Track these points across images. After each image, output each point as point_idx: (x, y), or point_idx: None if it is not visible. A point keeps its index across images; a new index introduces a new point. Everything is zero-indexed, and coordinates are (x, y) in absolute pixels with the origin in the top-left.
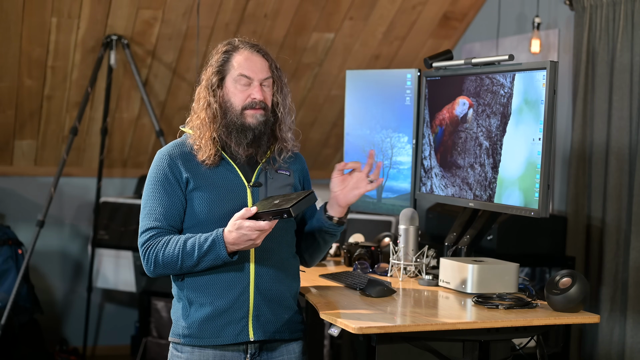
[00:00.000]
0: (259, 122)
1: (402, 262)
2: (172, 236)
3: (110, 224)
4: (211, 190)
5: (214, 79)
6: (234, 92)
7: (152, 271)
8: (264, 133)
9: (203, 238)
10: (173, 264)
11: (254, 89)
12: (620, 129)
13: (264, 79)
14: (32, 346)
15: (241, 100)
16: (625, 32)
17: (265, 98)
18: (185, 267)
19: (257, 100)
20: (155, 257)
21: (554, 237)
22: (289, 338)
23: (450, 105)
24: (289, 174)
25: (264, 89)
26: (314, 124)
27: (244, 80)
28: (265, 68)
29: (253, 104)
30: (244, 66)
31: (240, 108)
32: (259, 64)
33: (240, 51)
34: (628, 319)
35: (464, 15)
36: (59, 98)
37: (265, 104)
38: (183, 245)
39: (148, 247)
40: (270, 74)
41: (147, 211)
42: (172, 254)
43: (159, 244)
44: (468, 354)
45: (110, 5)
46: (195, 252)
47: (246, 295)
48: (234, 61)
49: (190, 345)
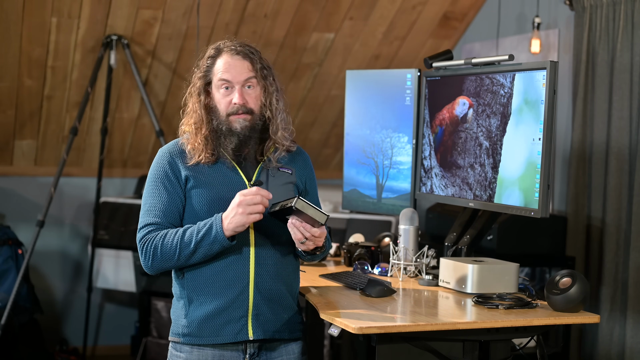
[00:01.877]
0: (244, 127)
1: (402, 262)
2: (169, 229)
3: (110, 224)
4: (211, 188)
5: (199, 84)
6: (218, 99)
7: (150, 266)
8: (250, 137)
9: (202, 224)
10: (171, 255)
11: (235, 93)
12: (620, 129)
13: (245, 81)
14: (32, 346)
15: (225, 107)
16: (625, 32)
17: (247, 101)
18: (183, 256)
19: (238, 104)
20: (154, 250)
21: (554, 237)
22: (288, 338)
23: (450, 105)
24: (290, 172)
25: (247, 91)
26: (314, 124)
27: (225, 84)
28: (246, 69)
29: (235, 110)
30: (223, 70)
31: (226, 114)
32: (239, 66)
33: (222, 56)
34: (628, 319)
35: (464, 15)
36: (59, 98)
37: (248, 108)
38: (182, 234)
39: (146, 241)
40: (252, 74)
41: (147, 208)
42: (171, 245)
43: (157, 237)
44: (468, 354)
45: (110, 5)
46: (193, 237)
47: (246, 294)
48: (216, 66)
49: (190, 344)
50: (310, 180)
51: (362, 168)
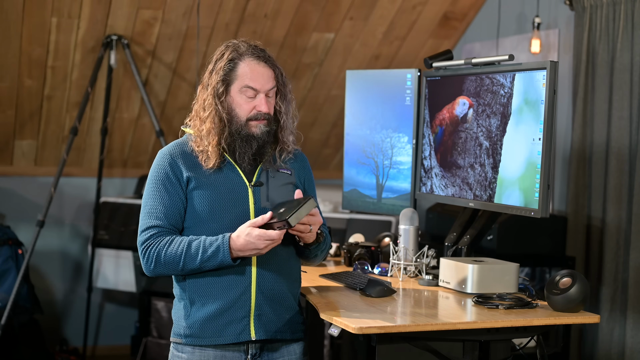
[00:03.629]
0: (263, 132)
1: (402, 262)
2: (175, 236)
3: (110, 224)
4: (212, 189)
5: (221, 88)
6: (239, 103)
7: (152, 270)
8: (267, 142)
9: (208, 242)
10: (175, 265)
11: (260, 101)
12: (620, 129)
13: (269, 90)
14: (32, 346)
15: (246, 112)
16: (625, 32)
17: (269, 109)
18: (187, 268)
19: (263, 112)
20: (157, 256)
21: (554, 237)
22: (290, 338)
23: (451, 105)
24: (290, 172)
25: (269, 100)
26: (314, 124)
27: (250, 92)
28: (271, 78)
29: (258, 116)
30: (250, 77)
31: (245, 119)
32: (266, 74)
33: (246, 60)
34: (628, 319)
35: (464, 15)
36: (59, 98)
37: (269, 115)
38: (187, 246)
39: (148, 245)
40: (274, 83)
41: (148, 210)
42: (175, 254)
43: (161, 243)
44: (468, 354)
45: (110, 5)
46: (199, 255)
47: (248, 295)
48: (239, 70)
49: (192, 345)
50: (308, 181)
51: (362, 168)
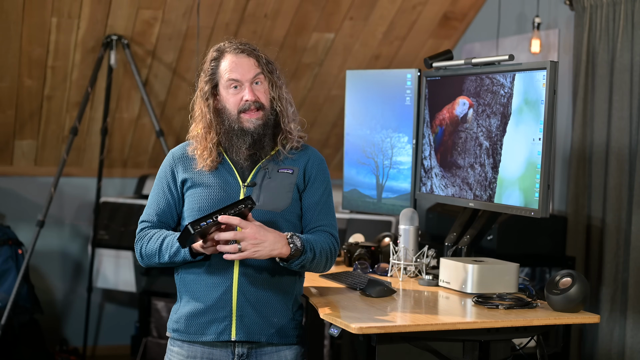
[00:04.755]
0: (257, 125)
1: (402, 262)
2: (158, 231)
3: (110, 224)
4: (205, 188)
5: (206, 88)
6: (227, 98)
7: (141, 261)
8: (264, 135)
9: (175, 239)
10: (154, 258)
11: (245, 91)
12: (620, 129)
13: (253, 78)
14: (32, 346)
15: (235, 105)
16: (625, 32)
17: (259, 97)
18: (163, 262)
19: (250, 100)
20: (141, 249)
21: (554, 237)
22: (278, 342)
23: (451, 105)
24: (292, 172)
25: (256, 87)
26: (314, 124)
27: (234, 83)
28: (253, 66)
29: (247, 106)
30: (230, 70)
31: (236, 112)
32: (245, 64)
33: (226, 56)
34: (628, 319)
35: (464, 15)
36: (59, 98)
37: (260, 103)
38: (161, 242)
39: (137, 239)
40: (259, 70)
41: (147, 205)
42: (152, 249)
43: (145, 237)
44: (468, 354)
45: (110, 5)
46: (168, 250)
47: (229, 296)
48: (221, 67)
49: (180, 340)
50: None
51: (362, 168)
